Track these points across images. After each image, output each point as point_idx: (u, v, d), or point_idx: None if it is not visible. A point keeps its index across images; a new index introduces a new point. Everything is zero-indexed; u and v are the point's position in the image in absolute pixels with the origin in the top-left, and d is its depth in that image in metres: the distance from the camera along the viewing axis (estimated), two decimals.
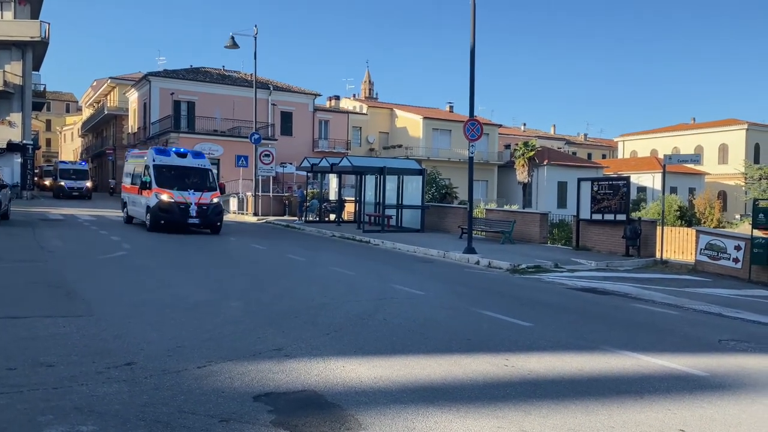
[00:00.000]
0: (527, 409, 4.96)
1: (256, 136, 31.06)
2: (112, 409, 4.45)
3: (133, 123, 51.04)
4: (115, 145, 56.24)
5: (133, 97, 50.31)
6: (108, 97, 59.55)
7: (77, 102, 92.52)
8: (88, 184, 41.47)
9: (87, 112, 71.20)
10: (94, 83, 66.84)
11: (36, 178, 51.62)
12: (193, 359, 5.80)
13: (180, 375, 5.32)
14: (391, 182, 24.62)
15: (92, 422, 4.18)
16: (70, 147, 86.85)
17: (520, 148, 47.43)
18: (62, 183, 40.50)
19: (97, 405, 4.51)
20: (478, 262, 15.50)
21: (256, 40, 30.56)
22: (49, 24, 37.78)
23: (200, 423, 4.29)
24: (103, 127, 62.40)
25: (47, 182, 51.95)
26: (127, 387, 4.94)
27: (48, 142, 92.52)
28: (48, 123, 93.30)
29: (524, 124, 78.65)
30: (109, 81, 56.88)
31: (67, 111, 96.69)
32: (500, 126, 56.86)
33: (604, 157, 73.83)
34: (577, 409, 5.02)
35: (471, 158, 16.94)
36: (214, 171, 21.53)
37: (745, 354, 7.43)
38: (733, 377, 6.30)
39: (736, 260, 14.95)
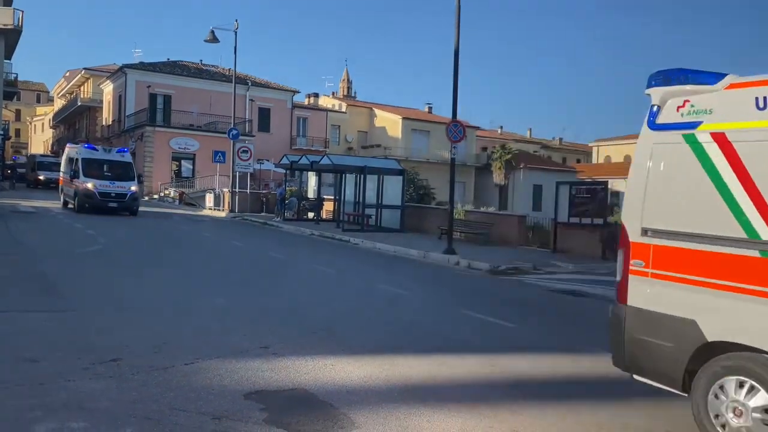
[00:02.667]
0: (517, 409, 5.01)
1: (234, 132, 30.78)
2: (101, 405, 4.38)
3: (107, 115, 50.23)
4: (88, 137, 55.20)
5: (107, 89, 49.50)
6: (81, 88, 58.50)
7: (48, 92, 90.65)
8: (134, 187, 24.17)
9: (59, 103, 69.83)
10: (67, 74, 65.57)
11: (26, 170, 49.09)
12: (179, 356, 5.72)
13: (167, 372, 5.25)
14: (371, 182, 24.59)
15: (82, 419, 4.11)
16: (40, 138, 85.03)
17: (497, 151, 47.91)
18: (89, 185, 22.99)
19: (86, 401, 4.43)
20: (458, 263, 15.59)
21: (236, 35, 30.31)
22: (22, 12, 36.85)
23: (192, 420, 4.25)
24: (75, 119, 61.27)
25: (42, 177, 43.91)
26: (115, 383, 4.86)
27: (17, 132, 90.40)
28: (17, 113, 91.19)
29: (501, 127, 79.24)
30: (82, 72, 55.88)
31: (38, 101, 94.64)
32: (478, 128, 57.25)
33: (578, 161, 74.80)
34: (565, 410, 5.08)
35: (453, 159, 17.02)
36: None
37: None
38: None
39: None
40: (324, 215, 28.78)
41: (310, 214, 28.92)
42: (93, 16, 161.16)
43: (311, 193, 31.24)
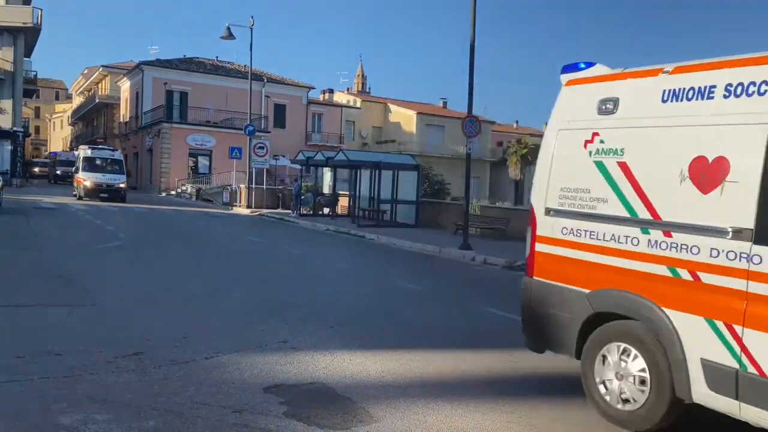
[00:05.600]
0: (535, 404, 5.01)
1: (251, 128, 30.94)
2: (124, 398, 4.45)
3: (124, 112, 50.70)
4: (106, 134, 55.84)
5: (125, 85, 49.95)
6: (99, 85, 59.07)
7: (67, 90, 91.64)
8: None
9: (77, 100, 70.60)
10: (85, 71, 66.25)
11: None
12: (199, 350, 5.80)
13: (188, 366, 5.32)
14: (386, 177, 24.61)
15: (106, 411, 4.18)
16: (59, 135, 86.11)
17: (513, 145, 47.70)
18: None
19: (109, 394, 4.51)
20: (474, 259, 15.56)
21: (252, 31, 30.42)
22: (41, 10, 37.39)
23: (213, 413, 4.31)
24: (93, 116, 61.92)
25: (89, 183, 28.42)
26: (137, 377, 4.94)
27: (37, 129, 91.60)
28: (37, 110, 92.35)
29: (516, 122, 78.77)
30: (100, 69, 56.41)
31: (57, 98, 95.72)
32: (493, 123, 56.98)
33: None
34: (584, 405, 5.07)
35: (468, 155, 16.97)
36: None
37: None
38: None
39: None
40: (339, 211, 28.84)
41: (326, 210, 29.01)
42: (110, 14, 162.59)
43: (327, 189, 31.32)
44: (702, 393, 4.06)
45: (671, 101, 4.42)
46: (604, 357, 4.63)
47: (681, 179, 4.22)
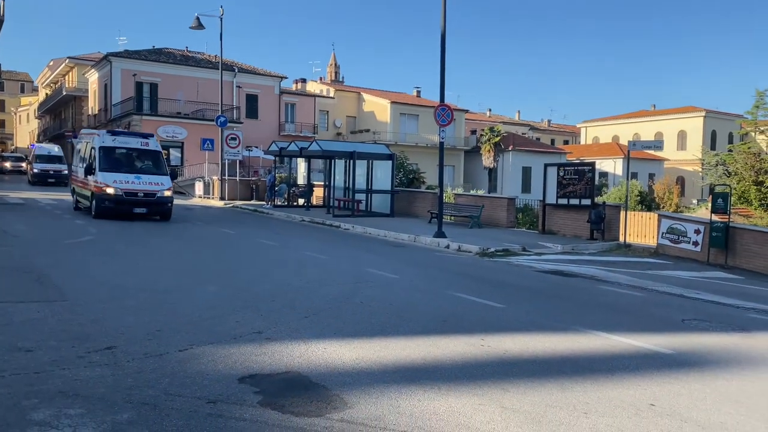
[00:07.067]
0: (505, 386, 5.13)
1: (222, 119, 30.65)
2: (97, 392, 4.45)
3: (93, 104, 49.72)
4: (74, 127, 54.72)
5: (93, 77, 48.96)
6: (66, 77, 57.79)
7: (33, 82, 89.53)
8: None
9: (44, 93, 69.01)
10: (51, 63, 64.80)
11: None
12: (173, 343, 5.80)
13: (162, 358, 5.32)
14: (360, 167, 24.65)
15: (79, 405, 4.18)
16: (26, 129, 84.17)
17: (486, 133, 47.98)
18: None
19: (82, 389, 4.50)
20: (448, 246, 15.71)
21: (222, 20, 30.07)
22: (3, 0, 36.34)
23: (188, 405, 4.33)
24: (61, 109, 60.62)
25: (111, 189, 16.63)
26: (110, 371, 4.93)
27: (2, 123, 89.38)
28: (2, 103, 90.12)
29: (489, 110, 79.24)
30: (67, 61, 55.16)
31: (22, 91, 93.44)
32: (466, 111, 57.18)
33: (566, 143, 75.02)
34: (553, 387, 5.21)
35: (442, 143, 17.07)
36: None
37: (706, 333, 7.78)
38: (697, 355, 6.61)
39: (695, 243, 15.49)
40: (314, 201, 28.79)
41: (301, 201, 28.95)
42: (76, 4, 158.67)
43: (301, 180, 31.22)
44: None
45: None
46: None
47: None
